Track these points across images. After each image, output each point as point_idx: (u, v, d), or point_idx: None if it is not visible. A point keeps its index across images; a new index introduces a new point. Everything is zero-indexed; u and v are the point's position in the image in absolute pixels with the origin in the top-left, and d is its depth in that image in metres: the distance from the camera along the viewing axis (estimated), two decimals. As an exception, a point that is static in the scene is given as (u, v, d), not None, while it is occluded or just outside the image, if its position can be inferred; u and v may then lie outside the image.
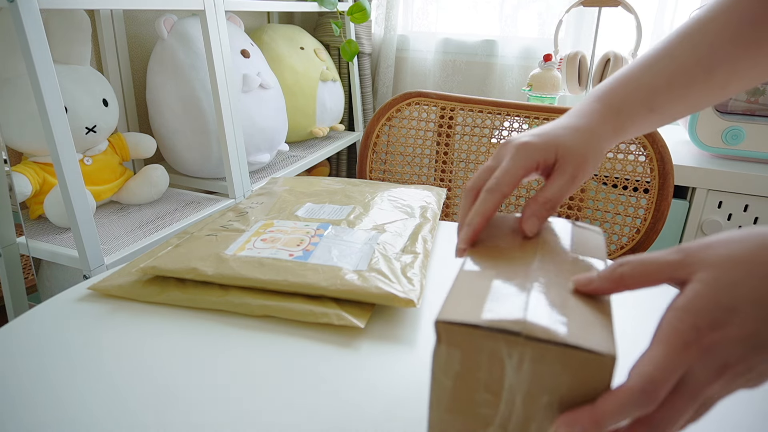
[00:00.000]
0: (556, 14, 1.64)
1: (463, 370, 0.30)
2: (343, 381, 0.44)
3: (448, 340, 0.30)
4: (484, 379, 0.30)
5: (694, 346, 0.27)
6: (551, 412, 0.29)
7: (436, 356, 0.31)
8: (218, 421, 0.39)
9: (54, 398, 0.41)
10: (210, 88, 1.16)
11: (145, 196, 1.13)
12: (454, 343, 0.30)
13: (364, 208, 0.70)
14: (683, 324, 0.27)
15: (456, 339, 0.29)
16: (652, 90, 0.45)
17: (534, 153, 0.42)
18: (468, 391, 0.30)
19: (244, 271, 0.54)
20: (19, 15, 0.72)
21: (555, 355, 0.28)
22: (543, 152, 0.42)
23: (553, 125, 0.45)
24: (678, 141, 1.39)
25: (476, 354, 0.29)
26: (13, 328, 0.50)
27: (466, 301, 0.31)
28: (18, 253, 0.98)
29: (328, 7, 1.56)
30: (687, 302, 0.28)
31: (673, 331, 0.27)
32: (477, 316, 0.29)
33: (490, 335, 0.29)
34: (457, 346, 0.30)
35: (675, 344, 0.27)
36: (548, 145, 0.43)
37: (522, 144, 0.42)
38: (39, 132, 0.92)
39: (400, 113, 1.07)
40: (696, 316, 0.27)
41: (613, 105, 0.45)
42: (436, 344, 0.30)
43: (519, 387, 0.29)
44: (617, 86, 0.46)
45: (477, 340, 0.29)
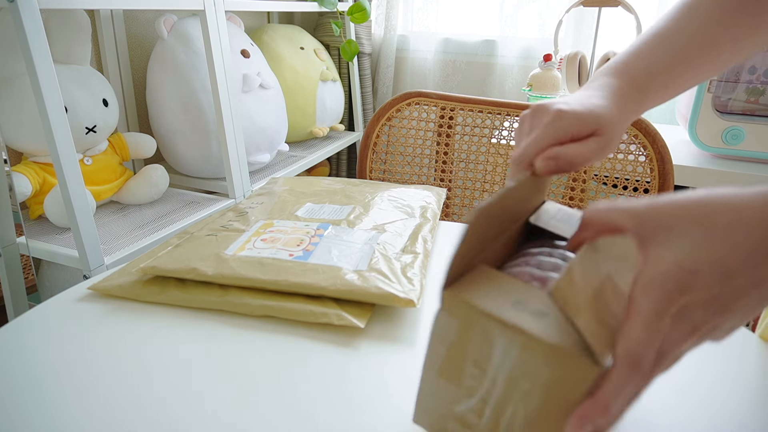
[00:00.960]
0: (556, 14, 1.64)
1: (458, 341, 0.32)
2: (343, 381, 0.44)
3: (450, 309, 0.32)
4: (474, 354, 0.32)
5: (666, 315, 0.28)
6: (528, 398, 0.30)
7: (436, 322, 0.33)
8: (218, 420, 0.39)
9: (54, 398, 0.41)
10: (210, 88, 1.16)
11: (145, 196, 1.13)
12: (455, 314, 0.32)
13: (364, 208, 0.70)
14: (654, 294, 0.28)
15: (457, 310, 0.31)
16: (667, 67, 0.45)
17: (570, 124, 0.40)
18: (458, 361, 0.32)
19: (244, 271, 0.54)
20: (19, 15, 0.72)
21: (541, 349, 0.29)
22: (581, 124, 0.40)
23: (583, 97, 0.43)
24: (678, 141, 1.39)
25: (471, 329, 0.31)
26: (13, 328, 0.50)
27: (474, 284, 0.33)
28: (18, 253, 0.98)
29: (328, 7, 1.56)
30: (653, 272, 0.28)
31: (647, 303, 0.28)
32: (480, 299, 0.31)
33: (487, 316, 0.30)
34: (456, 317, 0.32)
35: (650, 316, 0.27)
36: (588, 117, 0.41)
37: (559, 112, 0.40)
38: (39, 132, 0.92)
39: (400, 113, 1.07)
40: (664, 284, 0.28)
41: (634, 82, 0.45)
42: (439, 310, 0.32)
43: (503, 369, 0.31)
44: (634, 63, 0.46)
45: (474, 317, 0.31)
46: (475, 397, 0.32)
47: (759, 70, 1.21)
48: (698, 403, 0.42)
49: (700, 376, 0.45)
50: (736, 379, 0.45)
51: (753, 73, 1.21)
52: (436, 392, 0.34)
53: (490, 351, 0.31)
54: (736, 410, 0.42)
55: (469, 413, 0.33)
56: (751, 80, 1.22)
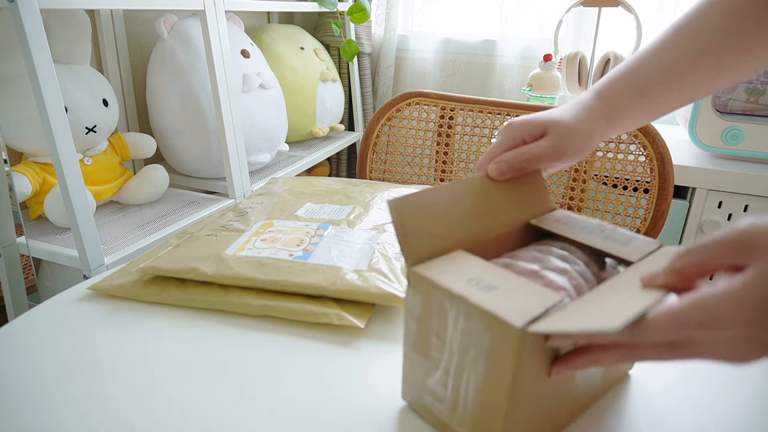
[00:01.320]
0: (556, 14, 1.64)
1: (423, 314, 0.35)
2: (343, 381, 0.44)
3: (414, 284, 0.35)
4: (435, 325, 0.34)
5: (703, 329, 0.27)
6: (476, 366, 0.32)
7: (407, 297, 0.36)
8: (218, 420, 0.39)
9: (54, 398, 0.41)
10: (210, 88, 1.16)
11: (145, 196, 1.13)
12: (419, 289, 0.35)
13: (364, 208, 0.70)
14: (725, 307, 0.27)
15: (420, 286, 0.34)
16: (644, 79, 0.47)
17: (519, 128, 0.45)
18: (425, 334, 0.35)
19: (244, 271, 0.54)
20: (19, 15, 0.72)
21: (479, 316, 0.31)
22: (528, 127, 0.45)
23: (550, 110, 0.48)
24: (678, 141, 1.39)
25: (431, 302, 0.34)
26: (13, 328, 0.50)
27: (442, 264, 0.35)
28: (18, 253, 0.98)
29: (328, 7, 1.56)
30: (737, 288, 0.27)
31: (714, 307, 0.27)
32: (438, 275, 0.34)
33: (439, 288, 0.33)
34: (420, 292, 0.35)
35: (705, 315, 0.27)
36: (534, 120, 0.45)
37: (509, 122, 0.46)
38: (39, 132, 0.92)
39: (400, 113, 1.07)
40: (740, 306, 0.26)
41: (604, 95, 0.47)
42: (407, 287, 0.36)
43: (455, 338, 0.33)
44: (613, 79, 0.48)
45: (432, 291, 0.34)
46: (440, 369, 0.35)
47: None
48: (696, 402, 0.42)
49: (698, 375, 0.45)
50: (735, 379, 0.45)
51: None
52: (413, 367, 0.37)
53: (445, 322, 0.33)
54: (734, 409, 0.42)
55: (437, 385, 0.36)
56: (751, 80, 1.22)
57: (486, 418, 0.33)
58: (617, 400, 0.42)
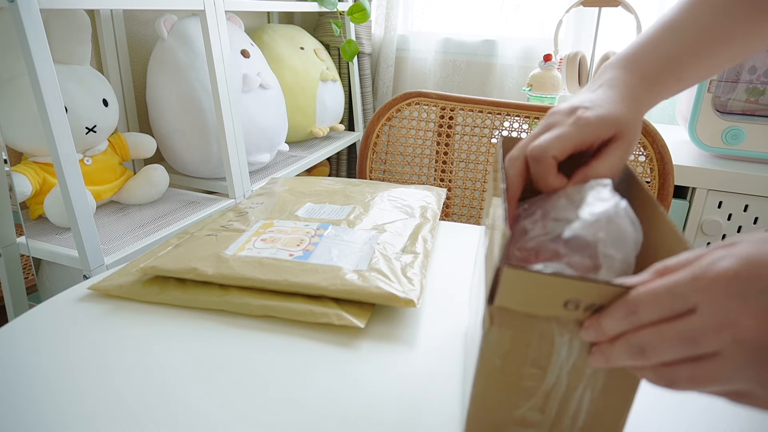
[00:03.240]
0: (556, 14, 1.64)
1: (513, 348, 0.33)
2: (343, 381, 0.44)
3: (501, 322, 0.32)
4: (533, 355, 0.33)
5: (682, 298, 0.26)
6: (594, 381, 0.32)
7: (486, 338, 0.33)
8: (218, 420, 0.39)
9: (54, 398, 0.41)
10: (210, 88, 1.16)
11: (145, 196, 1.13)
12: (507, 325, 0.32)
13: (364, 208, 0.70)
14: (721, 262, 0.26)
15: (509, 321, 0.32)
16: (678, 59, 0.45)
17: (594, 126, 0.39)
18: (516, 367, 0.33)
19: (244, 271, 0.54)
20: (19, 15, 0.72)
21: None
22: (604, 126, 0.40)
23: (602, 98, 0.42)
24: (678, 141, 1.39)
25: (528, 334, 0.32)
26: (13, 328, 0.50)
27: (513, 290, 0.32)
28: (18, 253, 0.98)
29: (328, 7, 1.56)
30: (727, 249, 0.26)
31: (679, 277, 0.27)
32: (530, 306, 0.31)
33: (547, 320, 0.31)
34: (510, 328, 0.32)
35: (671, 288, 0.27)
36: (610, 119, 0.40)
37: (583, 112, 0.40)
38: (39, 132, 0.92)
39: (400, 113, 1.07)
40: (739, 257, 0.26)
41: (646, 76, 0.44)
42: (488, 326, 0.33)
43: (567, 361, 0.32)
44: (645, 55, 0.45)
45: (531, 323, 0.32)
46: (537, 396, 0.34)
47: (759, 70, 1.21)
48: (693, 400, 0.42)
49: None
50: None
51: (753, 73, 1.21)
52: (490, 404, 0.35)
53: (550, 349, 0.32)
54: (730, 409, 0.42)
55: (530, 412, 0.35)
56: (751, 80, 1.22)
57: (600, 424, 0.34)
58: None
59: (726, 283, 0.25)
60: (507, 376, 0.34)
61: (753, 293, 0.25)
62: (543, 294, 0.30)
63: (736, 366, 0.25)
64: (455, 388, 0.43)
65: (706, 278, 0.26)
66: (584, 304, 0.30)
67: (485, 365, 0.34)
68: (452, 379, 0.44)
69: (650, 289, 0.27)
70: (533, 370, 0.33)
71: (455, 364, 0.46)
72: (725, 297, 0.25)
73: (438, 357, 0.47)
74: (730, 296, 0.25)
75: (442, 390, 0.43)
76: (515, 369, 0.34)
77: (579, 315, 0.30)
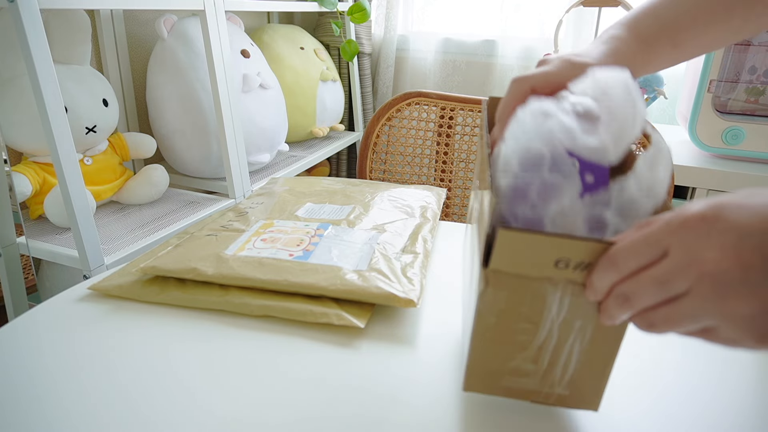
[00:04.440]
0: (556, 14, 1.64)
1: (507, 307, 0.35)
2: (343, 381, 0.44)
3: (495, 284, 0.34)
4: (526, 312, 0.35)
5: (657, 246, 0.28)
6: (583, 332, 0.35)
7: (482, 298, 0.35)
8: (218, 420, 0.39)
9: (54, 398, 0.41)
10: (210, 88, 1.16)
11: (145, 196, 1.13)
12: (502, 287, 0.34)
13: (364, 208, 0.70)
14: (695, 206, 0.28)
15: (503, 283, 0.34)
16: (676, 26, 0.46)
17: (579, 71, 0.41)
18: (509, 323, 0.36)
19: (244, 271, 0.54)
20: (19, 15, 0.72)
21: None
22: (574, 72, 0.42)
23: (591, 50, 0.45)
24: (678, 141, 1.39)
25: (522, 294, 0.34)
26: (13, 328, 0.50)
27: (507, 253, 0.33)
28: (18, 253, 0.98)
29: (328, 7, 1.56)
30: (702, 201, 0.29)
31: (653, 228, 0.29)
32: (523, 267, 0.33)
33: (539, 280, 0.33)
34: (504, 289, 0.34)
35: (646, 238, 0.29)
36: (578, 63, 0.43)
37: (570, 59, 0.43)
38: (39, 132, 0.92)
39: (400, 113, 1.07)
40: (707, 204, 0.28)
41: (643, 38, 0.45)
42: (483, 288, 0.34)
43: (558, 316, 0.35)
44: (643, 17, 0.46)
45: (524, 284, 0.34)
46: (530, 348, 0.36)
47: (759, 70, 1.21)
48: (689, 397, 0.42)
49: (691, 371, 0.45)
50: (722, 370, 0.45)
51: (753, 73, 1.21)
52: (486, 357, 0.38)
53: (542, 306, 0.34)
54: (723, 402, 0.42)
55: (523, 363, 0.37)
56: (751, 80, 1.22)
57: (588, 374, 0.37)
58: (622, 392, 0.42)
59: (693, 225, 0.27)
60: (502, 332, 0.36)
61: (715, 232, 0.27)
62: (535, 254, 0.32)
63: (703, 300, 0.27)
64: (455, 388, 0.43)
65: (675, 222, 0.28)
66: (573, 263, 0.32)
67: (481, 323, 0.36)
68: (452, 379, 0.44)
69: (628, 241, 0.29)
70: (526, 326, 0.35)
71: (455, 364, 0.46)
72: (692, 238, 0.27)
73: (438, 357, 0.47)
74: (696, 237, 0.27)
75: (443, 390, 0.43)
76: (509, 325, 0.36)
77: (569, 274, 0.32)
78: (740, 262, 0.26)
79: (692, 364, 0.47)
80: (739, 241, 0.26)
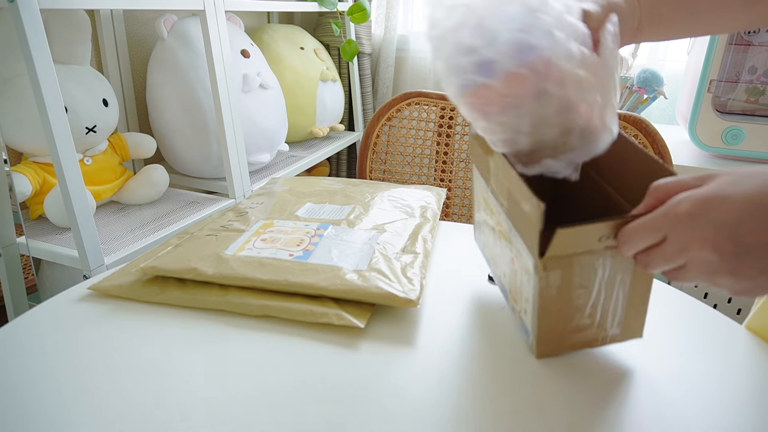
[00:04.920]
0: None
1: (563, 281, 0.42)
2: (343, 381, 0.44)
3: (552, 267, 0.41)
4: (579, 281, 0.42)
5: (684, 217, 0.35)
6: (623, 283, 0.43)
7: (541, 281, 0.41)
8: (218, 420, 0.39)
9: (54, 398, 0.41)
10: (210, 88, 1.16)
11: (145, 196, 1.13)
12: (557, 267, 0.41)
13: (364, 208, 0.70)
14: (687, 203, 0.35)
15: (558, 264, 0.41)
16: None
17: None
18: (567, 293, 0.43)
19: (244, 271, 0.54)
20: (19, 15, 0.72)
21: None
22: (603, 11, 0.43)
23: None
24: (678, 141, 1.39)
25: (574, 268, 0.41)
26: (13, 328, 0.50)
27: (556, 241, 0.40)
28: (18, 253, 0.98)
29: (328, 7, 1.56)
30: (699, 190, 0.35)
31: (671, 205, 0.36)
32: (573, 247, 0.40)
33: (585, 253, 0.41)
34: (559, 268, 0.41)
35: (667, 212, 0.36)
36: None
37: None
38: (39, 132, 0.92)
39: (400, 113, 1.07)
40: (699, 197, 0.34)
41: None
42: (542, 273, 0.41)
43: (604, 276, 0.42)
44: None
45: (576, 260, 0.41)
46: (586, 308, 0.44)
47: (759, 70, 1.21)
48: (686, 395, 0.42)
49: (688, 368, 0.45)
50: (723, 371, 0.45)
51: (753, 73, 1.21)
52: (552, 326, 0.45)
53: (591, 272, 0.42)
54: (723, 401, 0.42)
55: (582, 320, 0.45)
56: (751, 80, 1.22)
57: (633, 312, 0.45)
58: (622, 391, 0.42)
59: (684, 220, 0.35)
60: (562, 302, 0.43)
61: (699, 227, 0.34)
62: (584, 238, 0.40)
63: (697, 274, 0.36)
64: (455, 388, 0.43)
65: (671, 216, 0.35)
66: (612, 235, 0.40)
67: (543, 300, 0.43)
68: (452, 379, 0.44)
69: (638, 224, 0.37)
70: (580, 291, 0.43)
71: (455, 364, 0.46)
72: (682, 230, 0.35)
73: (438, 357, 0.47)
74: (685, 230, 0.35)
75: (443, 390, 0.43)
76: (567, 295, 0.43)
77: (608, 243, 0.40)
78: (716, 249, 0.34)
79: (692, 364, 0.47)
80: (715, 233, 0.34)
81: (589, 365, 0.46)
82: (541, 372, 0.45)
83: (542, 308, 0.43)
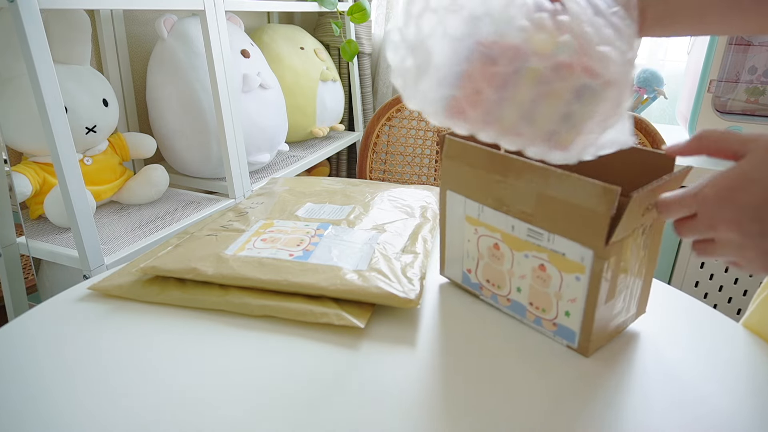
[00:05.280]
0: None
1: (614, 267, 0.44)
2: (343, 381, 0.44)
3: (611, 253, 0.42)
4: (624, 265, 0.45)
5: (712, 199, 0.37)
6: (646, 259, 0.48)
7: (594, 275, 0.43)
8: (218, 420, 0.39)
9: (54, 398, 0.41)
10: (210, 88, 1.16)
11: (145, 196, 1.13)
12: (612, 254, 0.43)
13: (364, 208, 0.70)
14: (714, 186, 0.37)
15: (613, 251, 0.42)
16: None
17: None
18: (614, 280, 0.44)
19: (244, 271, 0.54)
20: (19, 15, 0.72)
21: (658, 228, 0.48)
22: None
23: None
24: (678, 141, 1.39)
25: (622, 252, 0.44)
26: (13, 328, 0.50)
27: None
28: (18, 253, 0.98)
29: (328, 7, 1.56)
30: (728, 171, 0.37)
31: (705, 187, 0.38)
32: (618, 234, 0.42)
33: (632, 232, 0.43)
34: (615, 254, 0.43)
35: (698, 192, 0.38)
36: None
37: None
38: (39, 132, 0.92)
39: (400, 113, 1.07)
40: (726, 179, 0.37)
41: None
42: (594, 267, 0.43)
43: (638, 257, 0.46)
44: None
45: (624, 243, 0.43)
46: (624, 293, 0.47)
47: (759, 70, 1.21)
48: (683, 392, 0.42)
49: (688, 367, 0.45)
50: (723, 371, 0.45)
51: (753, 73, 1.21)
52: (601, 314, 0.45)
53: (632, 253, 0.45)
54: (723, 401, 0.42)
55: (617, 306, 0.47)
56: (751, 80, 1.22)
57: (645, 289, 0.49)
58: (622, 391, 0.42)
59: (712, 201, 0.37)
60: (610, 291, 0.45)
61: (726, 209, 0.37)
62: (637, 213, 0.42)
63: (724, 249, 0.39)
64: (456, 388, 0.43)
65: (699, 197, 0.38)
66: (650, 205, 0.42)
67: (593, 294, 0.44)
68: (452, 379, 0.44)
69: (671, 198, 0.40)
70: (623, 275, 0.45)
71: (455, 364, 0.46)
72: (711, 211, 0.38)
73: (438, 357, 0.47)
74: (713, 211, 0.37)
75: (443, 390, 0.43)
76: (614, 282, 0.44)
77: (648, 213, 0.43)
78: (741, 230, 0.36)
79: (692, 364, 0.47)
80: (740, 215, 0.36)
81: (588, 365, 0.46)
82: (541, 372, 0.46)
83: (595, 303, 0.44)
